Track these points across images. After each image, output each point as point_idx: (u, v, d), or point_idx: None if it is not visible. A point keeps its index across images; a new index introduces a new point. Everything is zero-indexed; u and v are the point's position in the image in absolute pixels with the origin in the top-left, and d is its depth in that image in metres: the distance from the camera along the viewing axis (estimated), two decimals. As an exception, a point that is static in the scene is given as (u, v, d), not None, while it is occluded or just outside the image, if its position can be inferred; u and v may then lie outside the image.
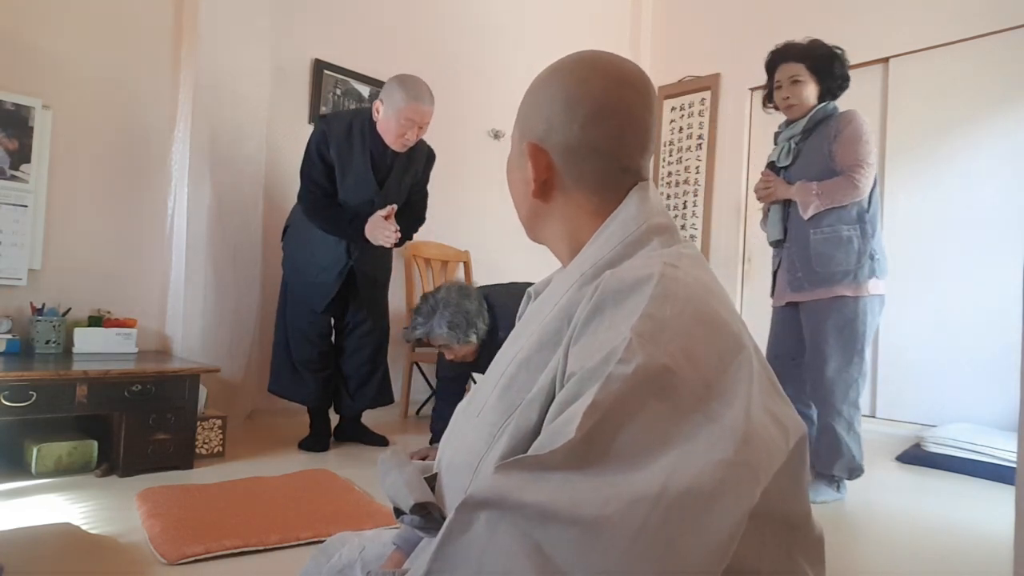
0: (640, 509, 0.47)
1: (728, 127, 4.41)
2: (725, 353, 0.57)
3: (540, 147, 0.73)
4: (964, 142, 3.37)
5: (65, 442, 2.08)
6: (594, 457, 0.50)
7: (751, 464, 0.52)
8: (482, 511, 0.51)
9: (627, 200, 0.72)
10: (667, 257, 0.63)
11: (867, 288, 2.21)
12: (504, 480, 0.51)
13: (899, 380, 3.54)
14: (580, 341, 0.59)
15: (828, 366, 2.19)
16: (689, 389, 0.53)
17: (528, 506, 0.49)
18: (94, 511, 1.74)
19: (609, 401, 0.51)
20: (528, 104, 0.77)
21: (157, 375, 2.15)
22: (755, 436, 0.53)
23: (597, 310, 0.59)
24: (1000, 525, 2.05)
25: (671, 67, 4.74)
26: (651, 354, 0.53)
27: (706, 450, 0.50)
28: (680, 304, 0.57)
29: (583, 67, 0.73)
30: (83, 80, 2.57)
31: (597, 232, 0.71)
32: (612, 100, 0.71)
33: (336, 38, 3.38)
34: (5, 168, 2.38)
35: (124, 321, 2.53)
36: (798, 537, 0.64)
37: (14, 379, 1.89)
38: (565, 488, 0.49)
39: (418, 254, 3.57)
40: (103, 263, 2.62)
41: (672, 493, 0.48)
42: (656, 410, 0.51)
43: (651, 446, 0.50)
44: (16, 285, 2.40)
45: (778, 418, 0.58)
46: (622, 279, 0.59)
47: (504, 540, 0.49)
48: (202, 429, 2.30)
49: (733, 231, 4.34)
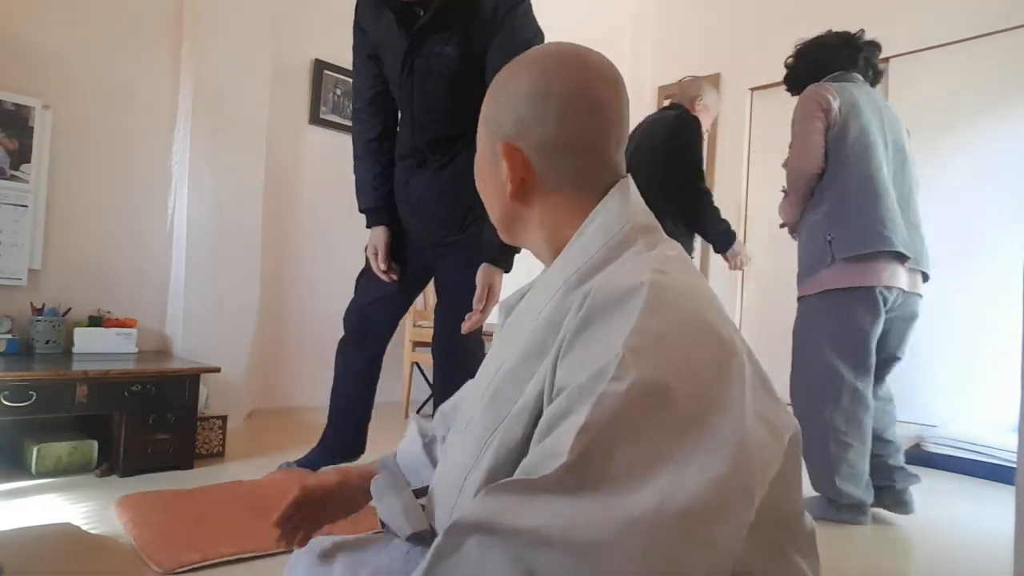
0: (635, 532, 0.46)
1: (728, 127, 4.40)
2: (718, 362, 0.55)
3: (514, 146, 0.70)
4: (965, 142, 3.37)
5: (65, 442, 2.08)
6: (588, 480, 0.48)
7: (745, 481, 0.51)
8: (473, 535, 0.50)
9: (607, 199, 0.69)
10: (655, 262, 0.61)
11: (818, 282, 2.05)
12: (495, 503, 0.50)
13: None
14: (569, 355, 0.57)
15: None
16: (684, 404, 0.51)
17: (522, 532, 0.48)
18: (94, 511, 1.74)
19: (602, 421, 0.49)
20: (494, 102, 0.74)
21: (157, 375, 2.15)
22: (749, 448, 0.52)
23: (586, 322, 0.57)
24: (1000, 525, 2.05)
25: (671, 67, 4.73)
26: (644, 371, 0.51)
27: (700, 469, 0.49)
28: (671, 314, 0.55)
29: (551, 60, 0.71)
30: (83, 80, 2.57)
31: (577, 232, 0.69)
32: (584, 92, 0.69)
33: (336, 38, 3.37)
34: (5, 168, 2.38)
35: (124, 321, 2.53)
36: (790, 533, 0.64)
37: (14, 379, 1.89)
38: (558, 513, 0.48)
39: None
40: (103, 263, 2.62)
41: (667, 515, 0.47)
42: (650, 428, 0.50)
43: (646, 466, 0.49)
44: (16, 285, 2.40)
45: (770, 422, 0.58)
46: (611, 289, 0.57)
47: (495, 564, 0.48)
48: (202, 429, 2.30)
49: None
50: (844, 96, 2.08)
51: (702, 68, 4.54)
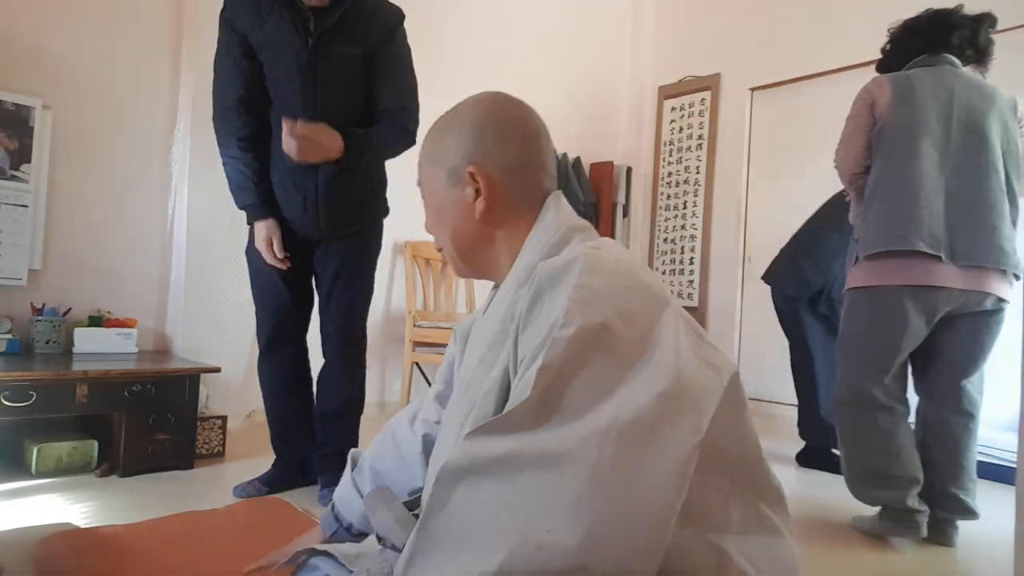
0: (593, 441, 0.53)
1: (728, 127, 4.40)
2: (652, 310, 0.64)
3: (483, 170, 0.79)
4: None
5: (65, 442, 2.08)
6: (550, 410, 0.56)
7: (688, 394, 0.59)
8: (459, 483, 0.56)
9: (544, 208, 0.81)
10: (589, 244, 0.70)
11: (849, 281, 2.01)
12: (471, 445, 0.56)
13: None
14: (527, 328, 0.64)
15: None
16: (626, 343, 0.59)
17: (499, 459, 0.55)
18: (94, 511, 1.74)
19: (558, 362, 0.57)
20: (445, 141, 0.83)
21: (157, 375, 2.15)
22: (688, 372, 0.60)
23: (536, 297, 0.64)
24: (1000, 525, 2.05)
25: (671, 67, 4.74)
26: (588, 316, 0.59)
27: (646, 386, 0.57)
28: (607, 275, 0.64)
29: (500, 100, 0.84)
30: (83, 80, 2.57)
31: (527, 240, 0.79)
32: (530, 123, 0.83)
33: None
34: (5, 168, 2.38)
35: (124, 321, 2.53)
36: (758, 486, 0.68)
37: (14, 379, 1.89)
38: (528, 438, 0.55)
39: (418, 254, 3.57)
40: (103, 263, 2.62)
41: (620, 425, 0.54)
42: (599, 364, 0.58)
43: (598, 391, 0.57)
44: (16, 285, 2.40)
45: (709, 360, 0.65)
46: (552, 267, 0.65)
47: (485, 503, 0.54)
48: (202, 429, 2.30)
49: (733, 231, 4.34)
50: (899, 86, 1.94)
51: (702, 68, 4.55)
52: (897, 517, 1.87)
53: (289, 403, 2.06)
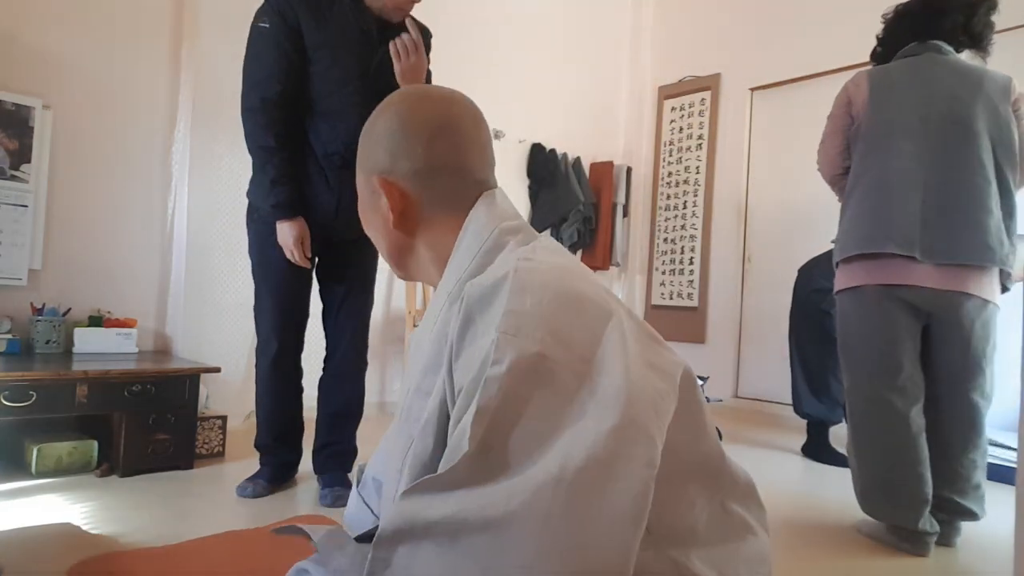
0: (543, 496, 0.48)
1: (728, 127, 4.41)
2: (594, 325, 0.58)
3: (388, 179, 0.75)
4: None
5: (65, 442, 2.08)
6: (492, 462, 0.51)
7: (639, 423, 0.53)
8: (399, 545, 0.52)
9: (474, 209, 0.73)
10: (521, 253, 0.64)
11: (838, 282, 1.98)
12: (409, 505, 0.52)
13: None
14: (460, 357, 0.59)
15: None
16: (567, 369, 0.54)
17: (437, 523, 0.50)
18: (94, 511, 1.74)
19: (493, 405, 0.52)
20: (366, 143, 0.79)
21: (157, 375, 2.15)
22: (638, 394, 0.54)
23: (467, 322, 0.60)
24: (1000, 525, 2.05)
25: (671, 67, 4.74)
26: (520, 347, 0.53)
27: (595, 423, 0.51)
28: (538, 292, 0.58)
29: (411, 98, 0.77)
30: (83, 80, 2.57)
31: (455, 246, 0.73)
32: (445, 119, 0.75)
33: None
34: (5, 168, 2.38)
35: (124, 321, 2.53)
36: (725, 485, 0.66)
37: (14, 379, 1.89)
38: (469, 498, 0.50)
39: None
40: (103, 263, 2.62)
41: (571, 472, 0.49)
42: (540, 402, 0.52)
43: (543, 435, 0.51)
44: (16, 285, 2.40)
45: (658, 366, 0.60)
46: (481, 287, 0.60)
47: (426, 563, 0.50)
48: (202, 429, 2.30)
49: (733, 231, 4.34)
50: (877, 82, 1.89)
51: (702, 68, 4.55)
52: (906, 536, 1.82)
53: (293, 406, 2.06)
